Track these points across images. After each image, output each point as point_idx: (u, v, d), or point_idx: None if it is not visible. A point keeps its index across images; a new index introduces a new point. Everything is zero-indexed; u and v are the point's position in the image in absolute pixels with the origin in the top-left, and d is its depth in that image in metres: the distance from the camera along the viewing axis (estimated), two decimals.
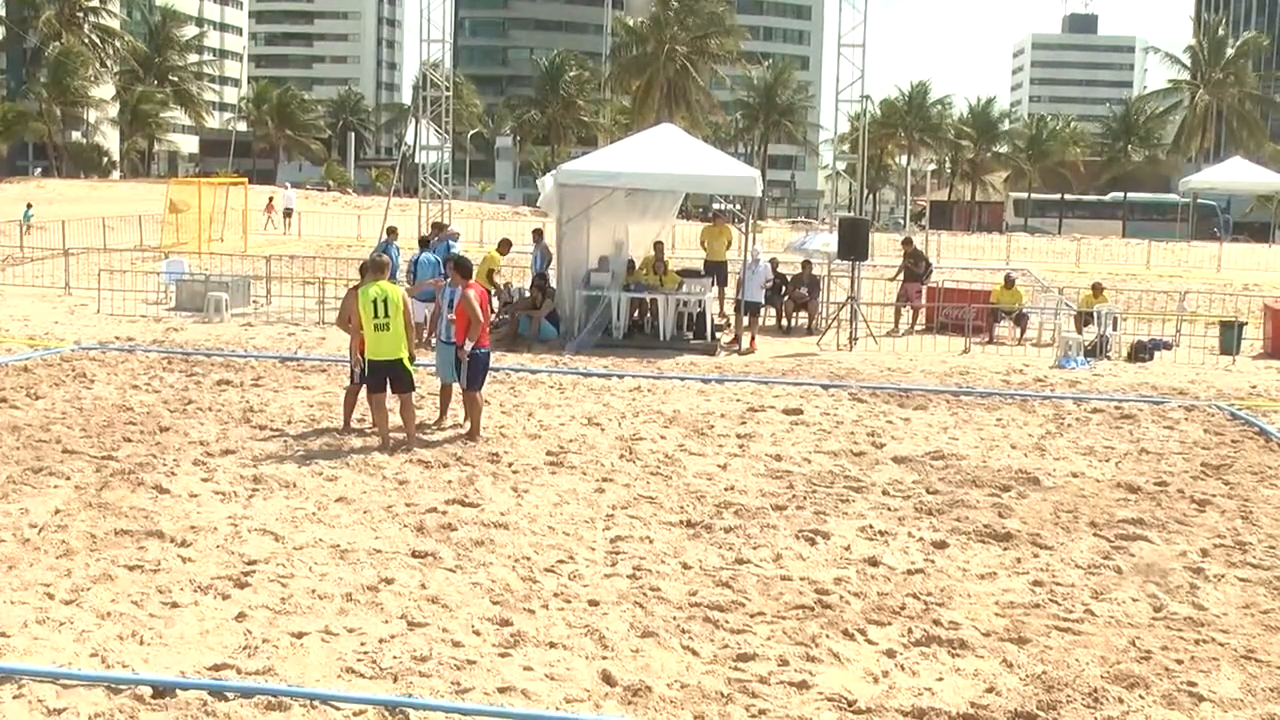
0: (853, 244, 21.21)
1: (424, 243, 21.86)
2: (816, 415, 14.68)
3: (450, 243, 21.71)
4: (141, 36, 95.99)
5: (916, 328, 23.18)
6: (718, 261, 23.07)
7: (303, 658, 7.02)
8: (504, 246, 22.08)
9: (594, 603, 8.05)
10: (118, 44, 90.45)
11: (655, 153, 21.11)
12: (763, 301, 21.51)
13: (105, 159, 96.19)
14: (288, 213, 49.21)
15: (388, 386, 12.33)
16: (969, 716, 6.59)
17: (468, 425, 12.85)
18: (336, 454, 11.81)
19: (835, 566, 9.01)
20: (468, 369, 12.56)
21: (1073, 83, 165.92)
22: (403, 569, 8.57)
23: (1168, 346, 21.24)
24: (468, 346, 12.47)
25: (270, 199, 52.90)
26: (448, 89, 28.47)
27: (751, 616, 7.91)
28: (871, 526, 10.00)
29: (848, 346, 20.84)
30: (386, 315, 12.08)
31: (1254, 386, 17.85)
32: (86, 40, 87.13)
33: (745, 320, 20.69)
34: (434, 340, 13.59)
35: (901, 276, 24.35)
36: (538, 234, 24.33)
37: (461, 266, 13.04)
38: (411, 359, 12.41)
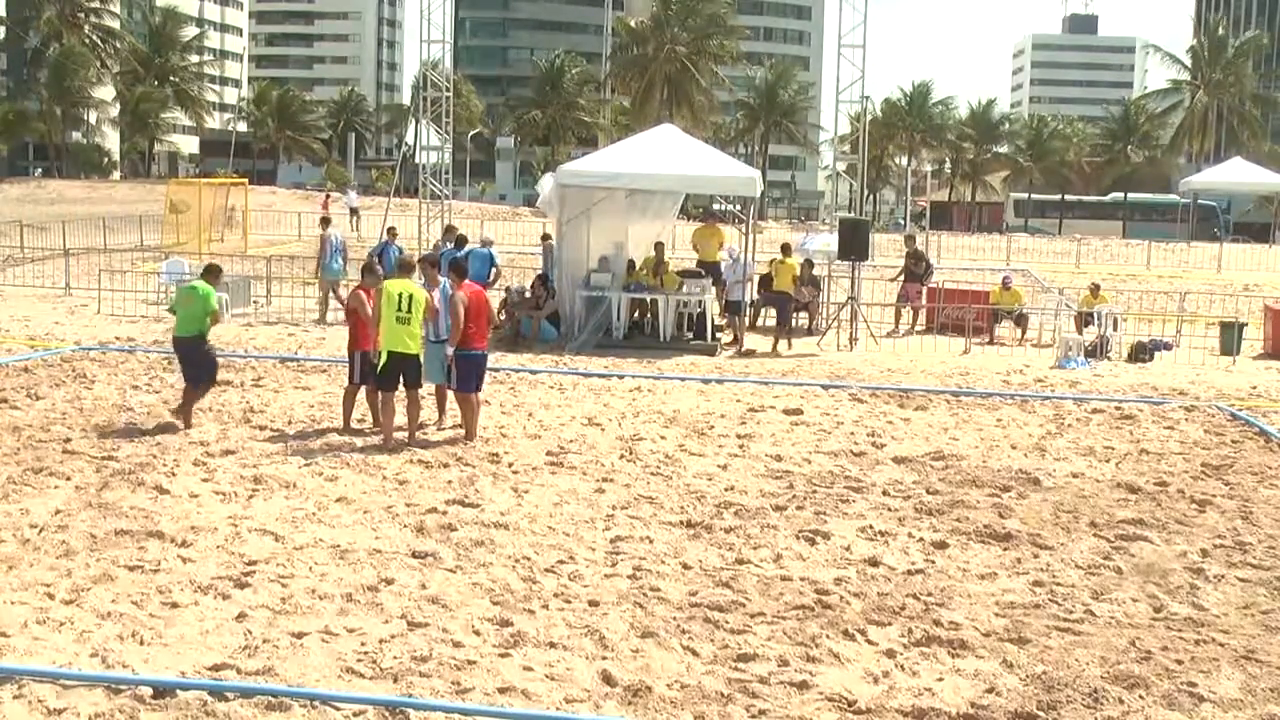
0: (853, 244, 21.21)
1: (461, 241, 22.29)
2: (816, 416, 14.68)
3: (491, 250, 22.13)
4: (142, 37, 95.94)
5: (917, 328, 23.19)
6: (711, 262, 23.05)
7: (303, 658, 7.02)
8: (787, 250, 21.60)
9: (594, 603, 8.05)
10: (118, 44, 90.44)
11: (655, 153, 21.12)
12: (743, 299, 21.21)
13: (106, 159, 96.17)
14: (354, 212, 49.89)
15: (399, 386, 12.37)
16: (969, 717, 6.59)
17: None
18: (336, 454, 11.81)
19: (835, 567, 9.01)
20: (456, 370, 12.57)
21: (1073, 83, 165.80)
22: (403, 569, 8.57)
23: (1168, 347, 21.24)
24: (449, 349, 12.50)
25: (326, 199, 55.21)
26: (448, 89, 28.48)
27: (751, 616, 7.91)
28: (871, 527, 10.00)
29: (848, 347, 20.84)
30: (409, 311, 12.24)
31: (1254, 387, 17.85)
32: (87, 40, 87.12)
33: (737, 320, 20.72)
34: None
35: (902, 277, 24.35)
36: (546, 238, 24.42)
37: (455, 268, 13.10)
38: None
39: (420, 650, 7.15)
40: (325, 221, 25.20)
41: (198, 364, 12.97)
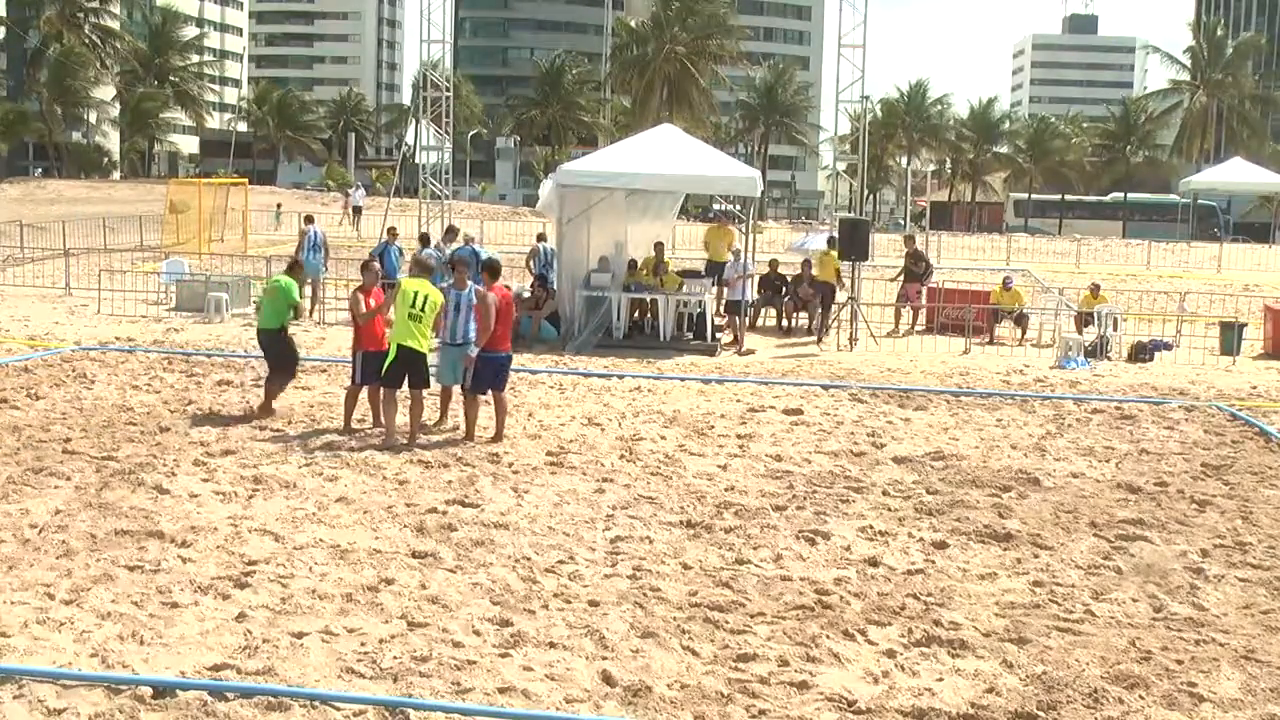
0: (853, 244, 21.21)
1: (424, 239, 23.01)
2: (817, 415, 14.68)
3: (474, 247, 22.23)
4: (142, 37, 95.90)
5: (916, 328, 23.18)
6: (720, 262, 23.09)
7: (303, 658, 7.02)
8: (833, 243, 22.73)
9: (594, 603, 8.05)
10: (118, 44, 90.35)
11: (655, 153, 21.11)
12: (741, 298, 21.28)
13: (106, 159, 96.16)
14: (357, 210, 49.50)
15: (404, 383, 12.38)
16: (969, 717, 6.59)
17: (491, 428, 12.79)
18: (336, 454, 11.81)
19: (835, 567, 9.01)
20: (475, 372, 12.53)
21: (1073, 83, 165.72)
22: (403, 569, 8.57)
23: (1168, 347, 21.24)
24: (472, 351, 12.47)
25: (346, 199, 55.41)
26: (448, 89, 28.51)
27: (751, 617, 7.91)
28: (871, 527, 10.00)
29: (848, 347, 20.85)
30: (423, 310, 12.29)
31: (1254, 387, 17.85)
32: (87, 40, 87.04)
33: (737, 320, 20.78)
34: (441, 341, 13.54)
35: (902, 277, 24.36)
36: (541, 238, 24.49)
37: (489, 268, 13.09)
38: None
39: (420, 650, 7.15)
40: (309, 219, 25.32)
41: (279, 355, 13.68)
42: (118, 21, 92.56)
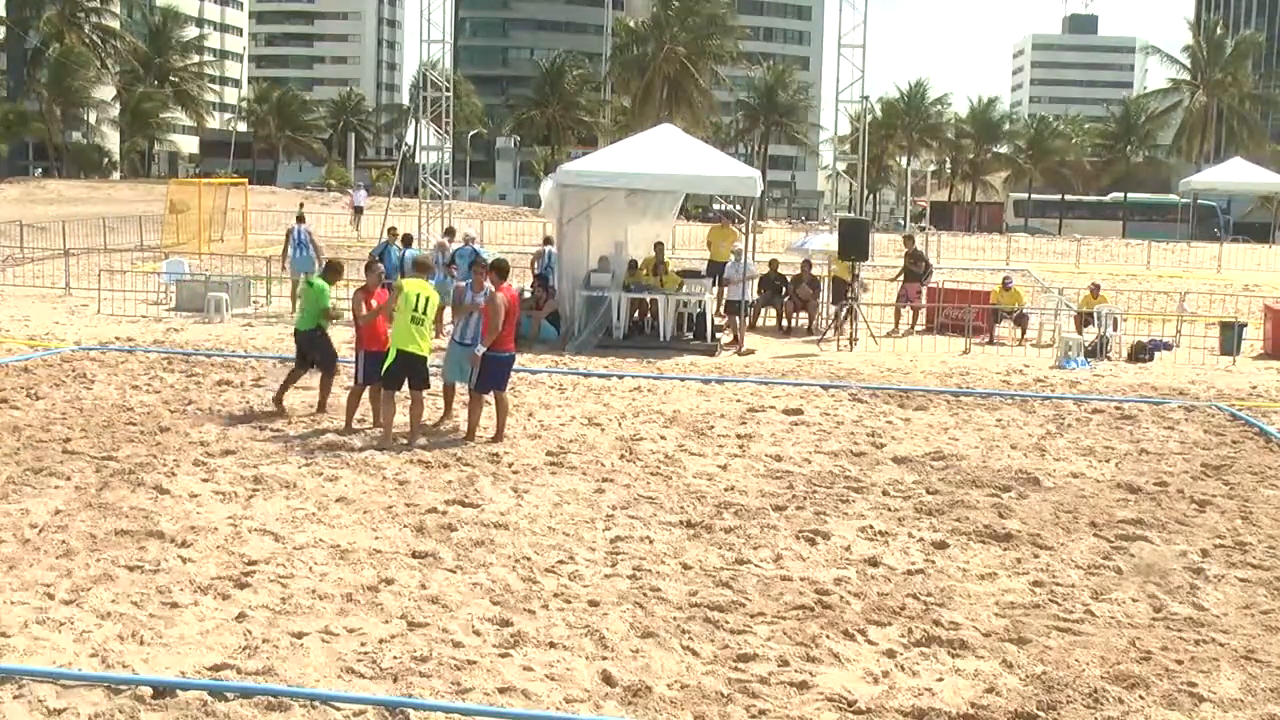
0: (853, 244, 21.21)
1: (407, 240, 23.08)
2: (816, 416, 14.68)
3: (474, 247, 22.26)
4: (142, 37, 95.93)
5: (916, 328, 23.18)
6: (722, 262, 23.10)
7: (303, 658, 7.02)
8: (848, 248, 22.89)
9: (594, 603, 8.05)
10: (118, 44, 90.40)
11: (655, 153, 21.11)
12: (741, 298, 21.27)
13: (106, 159, 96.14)
14: (358, 210, 49.32)
15: (402, 385, 12.38)
16: (969, 717, 6.59)
17: (491, 428, 12.79)
18: (336, 454, 11.81)
19: (835, 567, 9.01)
20: (481, 370, 12.53)
21: (1073, 83, 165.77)
22: (403, 569, 8.57)
23: (1168, 347, 21.24)
24: (479, 350, 12.46)
25: (351, 199, 55.31)
26: (448, 89, 28.51)
27: (751, 617, 7.91)
28: (871, 527, 10.00)
29: (848, 347, 20.84)
30: (424, 313, 12.36)
31: (1254, 387, 17.85)
32: (87, 40, 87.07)
33: (737, 320, 20.80)
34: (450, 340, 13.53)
35: (902, 277, 24.36)
36: (548, 241, 24.56)
37: (497, 268, 13.09)
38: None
39: (420, 650, 7.15)
40: (300, 219, 25.40)
41: (320, 353, 13.75)
42: (118, 21, 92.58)
